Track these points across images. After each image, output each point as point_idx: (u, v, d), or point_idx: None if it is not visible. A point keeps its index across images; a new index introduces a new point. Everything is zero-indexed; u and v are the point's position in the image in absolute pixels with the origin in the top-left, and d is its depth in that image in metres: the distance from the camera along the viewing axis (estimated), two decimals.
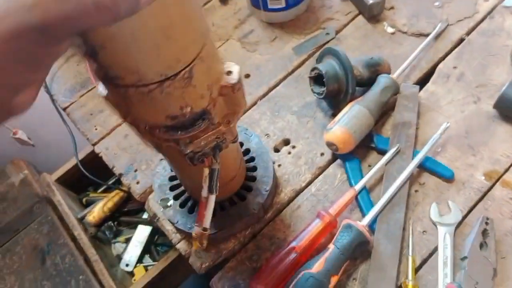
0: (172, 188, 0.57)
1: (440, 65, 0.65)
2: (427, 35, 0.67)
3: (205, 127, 0.38)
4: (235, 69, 0.38)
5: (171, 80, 0.31)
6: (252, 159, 0.57)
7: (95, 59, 0.29)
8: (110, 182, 1.12)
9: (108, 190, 1.12)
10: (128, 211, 1.07)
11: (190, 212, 0.55)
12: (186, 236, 0.57)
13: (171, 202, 0.56)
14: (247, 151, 0.58)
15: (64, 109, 0.72)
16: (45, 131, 1.33)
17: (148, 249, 1.04)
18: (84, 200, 1.09)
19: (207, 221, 0.43)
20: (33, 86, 0.29)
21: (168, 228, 0.58)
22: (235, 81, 0.37)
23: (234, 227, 0.54)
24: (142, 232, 1.04)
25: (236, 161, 0.51)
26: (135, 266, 1.01)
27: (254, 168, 0.57)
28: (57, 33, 0.22)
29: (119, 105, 0.36)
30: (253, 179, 0.56)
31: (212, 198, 0.43)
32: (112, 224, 1.06)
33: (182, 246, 0.57)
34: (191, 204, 0.55)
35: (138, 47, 0.28)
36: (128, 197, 1.06)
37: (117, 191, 1.04)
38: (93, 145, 0.67)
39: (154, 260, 1.04)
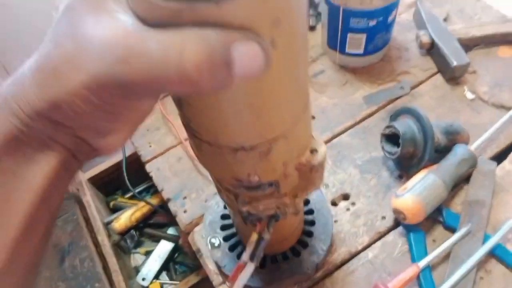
0: (223, 228, 0.54)
1: None
2: (508, 109, 0.63)
3: (270, 193, 0.34)
4: (321, 149, 0.33)
5: (245, 151, 0.28)
6: (311, 211, 0.54)
7: (180, 107, 0.27)
8: (138, 190, 1.10)
9: (136, 197, 1.10)
10: (153, 224, 1.04)
11: (239, 258, 0.52)
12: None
13: (220, 242, 0.53)
14: (306, 202, 0.55)
15: None
16: None
17: (166, 265, 1.01)
18: (111, 203, 1.07)
19: (238, 287, 0.39)
20: (117, 134, 0.27)
21: (210, 267, 0.55)
22: (316, 163, 0.33)
23: (283, 283, 0.51)
24: (163, 248, 1.01)
25: (293, 226, 0.47)
26: (151, 282, 0.98)
27: (312, 223, 0.53)
28: (138, 91, 0.20)
29: (191, 145, 0.33)
30: (310, 234, 0.53)
31: (251, 266, 0.39)
32: (135, 233, 1.04)
33: None
34: (241, 249, 0.52)
35: (221, 117, 0.25)
36: (156, 210, 1.03)
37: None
38: (145, 162, 0.65)
39: (170, 278, 1.01)
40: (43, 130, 0.23)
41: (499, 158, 0.61)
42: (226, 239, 0.53)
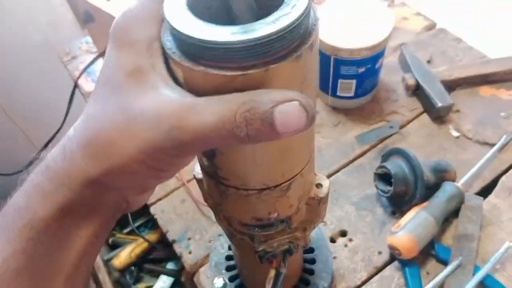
0: (228, 269, 0.56)
1: (503, 178, 0.65)
2: (492, 145, 0.68)
3: (281, 229, 0.38)
4: (325, 183, 0.38)
5: (270, 189, 0.32)
6: (311, 250, 0.57)
7: (210, 160, 0.30)
8: (136, 225, 1.11)
9: (134, 232, 1.11)
10: (152, 259, 1.05)
11: None
12: None
13: (226, 282, 0.55)
14: None
15: None
16: None
17: None
18: (110, 239, 1.08)
19: None
20: (153, 189, 0.31)
21: None
22: (323, 196, 0.37)
23: None
24: (163, 282, 1.01)
25: (299, 262, 0.50)
26: None
27: (313, 261, 0.56)
28: (189, 150, 0.24)
29: (211, 194, 0.36)
30: (312, 272, 0.55)
31: None
32: (134, 269, 1.04)
33: None
34: None
35: (254, 164, 0.29)
36: (154, 246, 1.04)
37: (147, 237, 1.02)
38: (150, 205, 0.67)
39: None
40: (94, 196, 0.25)
41: (485, 192, 0.65)
42: (231, 279, 0.55)
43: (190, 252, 0.62)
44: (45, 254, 0.25)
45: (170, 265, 1.05)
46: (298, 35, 0.23)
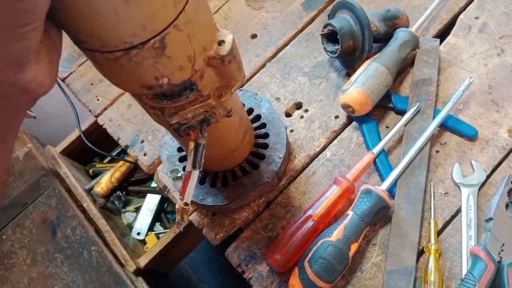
0: (181, 159, 0.54)
1: (461, 16, 0.60)
2: None
3: (193, 98, 0.34)
4: (228, 39, 0.33)
5: (138, 49, 0.27)
6: (263, 125, 0.54)
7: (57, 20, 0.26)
8: (116, 152, 1.10)
9: (114, 160, 1.10)
10: (136, 181, 1.05)
11: (201, 183, 0.53)
12: (198, 207, 0.55)
13: (181, 173, 0.54)
14: (257, 117, 0.55)
15: (63, 80, 0.68)
16: (46, 103, 1.30)
17: (158, 217, 1.04)
18: (91, 171, 1.08)
19: (189, 197, 0.40)
20: (35, 64, 0.26)
21: (178, 198, 0.56)
22: (225, 53, 0.33)
23: (248, 196, 0.52)
24: (151, 201, 1.03)
25: (238, 134, 0.48)
26: (146, 234, 1.00)
27: (266, 135, 0.54)
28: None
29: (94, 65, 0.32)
30: (265, 146, 0.53)
31: (196, 174, 0.39)
32: (121, 194, 1.05)
33: (194, 217, 0.55)
34: (202, 174, 0.53)
35: (94, 10, 0.24)
36: (136, 166, 1.04)
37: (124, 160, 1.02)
38: (96, 116, 0.64)
39: (165, 227, 1.04)
40: None
41: (444, 35, 0.60)
42: (185, 168, 0.54)
43: (145, 154, 0.61)
44: None
45: (154, 184, 1.06)
46: None
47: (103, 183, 0.99)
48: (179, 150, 0.55)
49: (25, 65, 0.25)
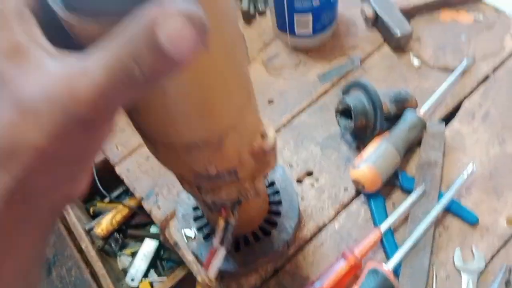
0: (195, 219, 0.56)
1: (466, 102, 0.65)
2: (453, 70, 0.66)
3: (230, 180, 0.37)
4: (271, 133, 0.36)
5: (199, 146, 0.30)
6: (277, 192, 0.57)
7: (129, 116, 0.28)
8: (116, 194, 1.10)
9: (115, 200, 1.10)
10: (136, 225, 1.06)
11: None
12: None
13: (194, 233, 0.55)
14: (271, 184, 0.57)
15: None
16: None
17: (154, 263, 1.03)
18: (91, 209, 1.08)
19: (213, 272, 0.41)
20: (86, 172, 0.27)
21: (189, 258, 0.58)
22: (269, 148, 0.36)
23: (257, 263, 0.54)
24: (148, 246, 1.02)
25: (259, 206, 0.50)
26: (140, 281, 0.99)
27: (279, 202, 0.56)
28: (95, 121, 0.20)
29: (148, 149, 0.35)
30: (278, 213, 0.55)
31: (222, 251, 0.42)
32: (118, 236, 1.05)
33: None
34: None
35: (167, 116, 0.27)
36: (136, 211, 1.04)
37: (126, 203, 1.02)
38: (114, 165, 0.66)
39: (159, 274, 1.03)
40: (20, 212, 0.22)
41: (449, 118, 0.64)
42: (200, 229, 0.55)
43: (159, 208, 0.62)
44: None
45: (153, 229, 1.06)
46: None
47: (104, 225, 0.99)
48: (194, 209, 0.57)
49: (79, 180, 0.26)
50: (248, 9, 0.77)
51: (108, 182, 0.90)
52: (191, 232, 0.56)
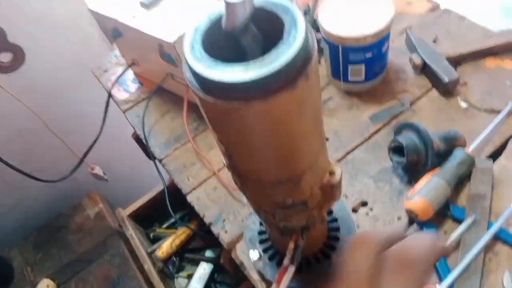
0: (261, 242, 0.63)
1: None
2: (499, 112, 0.72)
3: (301, 209, 0.43)
4: (338, 171, 0.42)
5: (283, 182, 0.38)
6: (335, 220, 0.63)
7: (229, 159, 0.37)
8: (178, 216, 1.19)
9: (172, 226, 1.19)
10: (192, 249, 1.13)
11: (278, 265, 0.60)
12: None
13: (260, 254, 0.62)
14: (330, 212, 0.64)
15: (160, 161, 0.81)
16: (117, 168, 1.45)
17: (208, 285, 1.10)
18: (151, 234, 1.17)
19: (283, 287, 0.48)
20: None
21: (254, 277, 0.64)
22: (335, 183, 0.42)
23: (318, 284, 0.59)
24: (204, 269, 1.10)
25: (321, 229, 0.57)
26: None
27: (337, 229, 0.62)
28: None
29: (236, 184, 0.43)
30: (337, 239, 0.61)
31: (292, 268, 0.48)
32: (176, 259, 1.13)
33: None
34: (279, 258, 0.61)
35: (265, 163, 0.35)
36: (193, 235, 1.12)
37: (184, 229, 1.11)
38: (186, 195, 0.75)
39: None
40: None
41: (496, 156, 0.69)
42: (265, 250, 0.62)
43: (226, 232, 0.69)
44: None
45: (208, 253, 1.13)
46: (295, 68, 0.26)
47: (164, 248, 1.07)
48: (260, 233, 0.64)
49: None
50: None
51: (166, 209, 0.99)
52: (256, 253, 0.63)
